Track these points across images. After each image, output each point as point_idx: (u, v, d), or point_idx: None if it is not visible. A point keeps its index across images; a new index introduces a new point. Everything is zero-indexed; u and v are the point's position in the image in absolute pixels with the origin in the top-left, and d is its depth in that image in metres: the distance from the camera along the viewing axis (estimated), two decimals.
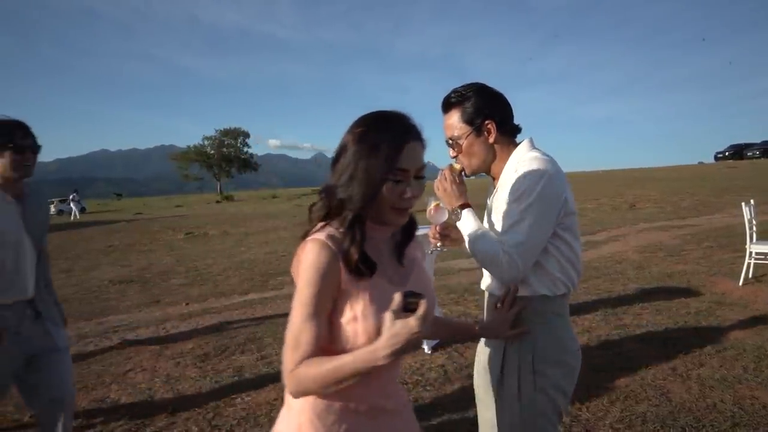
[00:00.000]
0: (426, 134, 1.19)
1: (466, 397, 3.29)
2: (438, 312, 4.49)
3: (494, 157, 1.63)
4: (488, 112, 1.59)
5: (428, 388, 3.45)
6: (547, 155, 1.55)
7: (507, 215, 1.49)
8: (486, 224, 1.66)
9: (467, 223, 1.58)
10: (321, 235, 1.10)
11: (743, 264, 5.78)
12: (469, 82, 1.65)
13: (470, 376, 3.54)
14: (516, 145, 1.63)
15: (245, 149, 69.48)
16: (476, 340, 1.77)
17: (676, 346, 3.95)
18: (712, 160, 39.44)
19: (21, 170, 2.05)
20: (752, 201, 5.93)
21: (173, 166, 70.08)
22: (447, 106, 1.64)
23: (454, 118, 1.62)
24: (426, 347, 4.08)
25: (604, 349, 3.99)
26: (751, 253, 5.71)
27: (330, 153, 2.09)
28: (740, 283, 5.66)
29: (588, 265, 7.42)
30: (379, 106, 1.72)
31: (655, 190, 20.00)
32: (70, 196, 32.28)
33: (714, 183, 21.03)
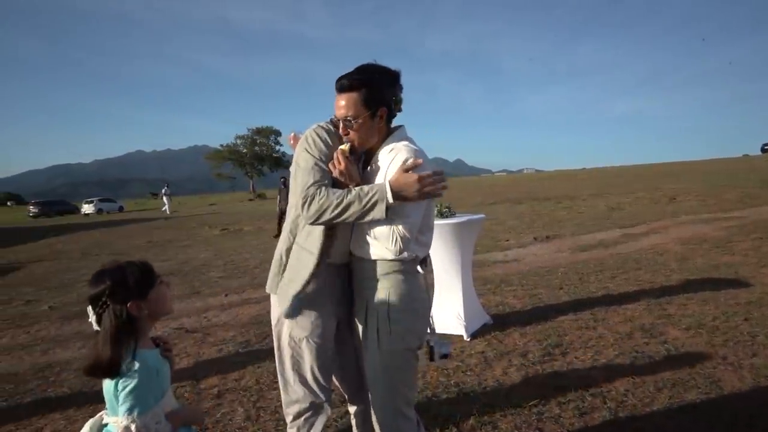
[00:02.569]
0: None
1: (507, 382, 3.27)
2: (477, 302, 4.46)
3: (376, 139, 1.87)
4: (382, 100, 1.81)
5: (469, 373, 3.44)
6: (415, 142, 1.87)
7: None
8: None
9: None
10: None
11: None
12: (362, 64, 1.83)
13: (510, 362, 3.53)
14: (392, 129, 1.90)
15: (277, 148, 70.40)
16: (515, 328, 1.83)
17: (726, 335, 3.82)
18: (758, 152, 37.87)
19: None
20: None
21: (206, 165, 71.61)
22: (348, 87, 1.78)
23: (353, 99, 1.78)
24: (465, 334, 4.06)
25: (648, 336, 3.89)
26: None
27: None
28: None
29: (627, 257, 7.25)
30: (407, 106, 1.92)
31: (696, 182, 19.34)
32: (162, 190, 32.90)
33: (762, 175, 20.19)
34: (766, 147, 37.33)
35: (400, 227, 1.72)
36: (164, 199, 31.71)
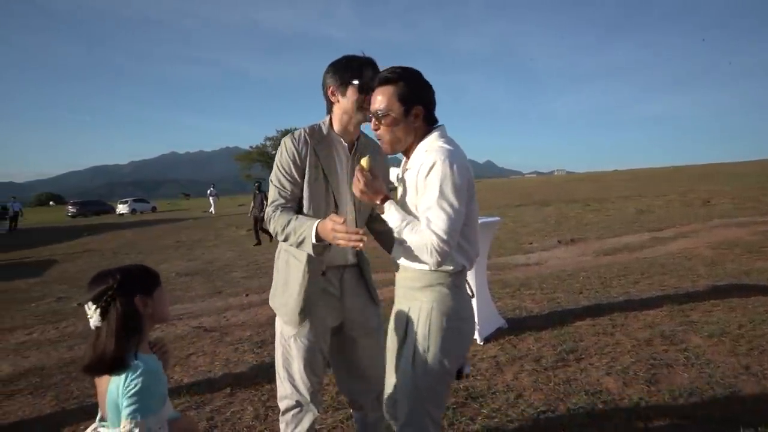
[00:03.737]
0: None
1: (518, 387, 3.22)
2: (492, 305, 4.41)
3: (413, 139, 1.74)
4: (419, 98, 1.70)
5: (479, 377, 3.40)
6: (454, 144, 1.69)
7: (427, 203, 1.59)
8: (401, 191, 1.81)
9: (391, 216, 1.70)
10: None
11: None
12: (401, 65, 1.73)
13: (522, 367, 3.48)
14: (431, 132, 1.74)
15: None
16: (530, 333, 1.77)
17: (751, 344, 3.68)
18: None
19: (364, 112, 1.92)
20: None
21: (237, 167, 72.88)
22: (383, 80, 1.70)
23: (388, 93, 1.68)
24: (478, 338, 4.02)
25: (667, 343, 3.77)
26: None
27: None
28: None
29: (653, 261, 7.06)
30: (436, 106, 1.77)
31: (732, 185, 18.67)
32: (209, 191, 33.55)
33: None
34: None
35: (434, 238, 1.55)
36: (210, 199, 32.24)
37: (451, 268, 1.68)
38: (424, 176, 1.61)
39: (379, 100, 1.70)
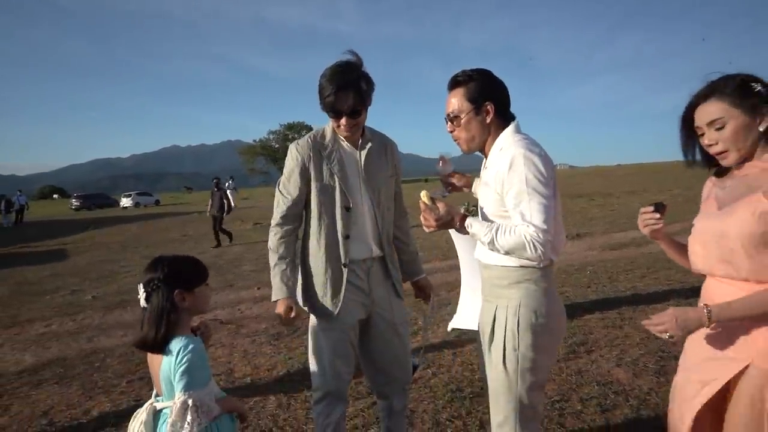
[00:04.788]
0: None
1: None
2: None
3: (488, 136, 1.75)
4: (489, 95, 1.71)
5: None
6: (531, 137, 1.69)
7: (515, 197, 1.58)
8: (480, 194, 1.82)
9: (477, 230, 1.64)
10: None
11: None
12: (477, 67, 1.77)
13: None
14: (505, 128, 1.74)
15: None
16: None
17: None
18: None
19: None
20: None
21: (240, 160, 72.95)
22: (453, 84, 1.75)
23: (458, 95, 1.72)
24: None
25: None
26: None
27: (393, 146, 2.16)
28: None
29: (659, 256, 7.13)
30: (441, 100, 1.93)
31: None
32: (227, 184, 33.18)
33: None
34: None
35: (532, 230, 1.52)
36: (228, 193, 31.95)
37: (538, 262, 1.63)
38: (506, 171, 1.59)
39: (452, 103, 1.74)
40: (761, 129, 1.35)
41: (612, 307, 4.75)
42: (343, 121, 1.97)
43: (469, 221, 1.68)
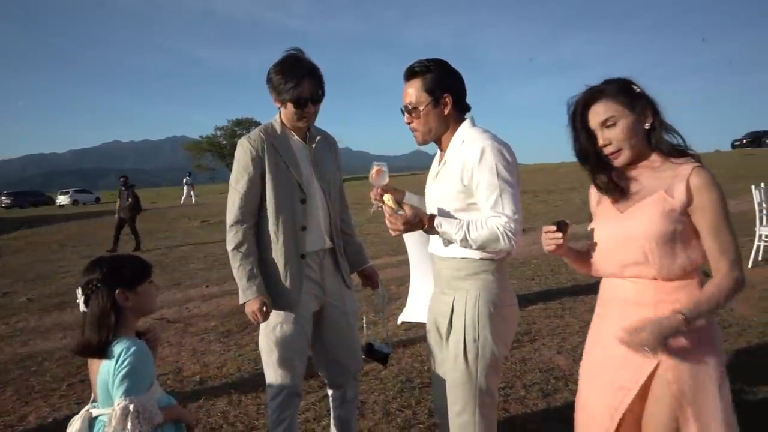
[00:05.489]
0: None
1: None
2: None
3: (446, 129, 1.76)
4: (447, 87, 1.72)
5: None
6: (488, 130, 1.73)
7: (486, 189, 1.62)
8: (434, 190, 1.82)
9: (448, 229, 1.66)
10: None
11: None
12: (433, 57, 1.75)
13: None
14: (463, 121, 1.77)
15: None
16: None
17: None
18: (729, 148, 38.77)
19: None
20: (762, 185, 5.96)
21: (185, 156, 70.63)
22: (410, 74, 1.74)
23: (416, 86, 1.72)
24: None
25: None
26: (760, 235, 5.77)
27: (341, 143, 2.20)
28: (749, 265, 5.73)
29: None
30: (391, 98, 1.89)
31: None
32: (184, 180, 31.51)
33: (729, 171, 20.77)
34: (736, 143, 38.28)
35: (504, 220, 1.58)
36: (185, 189, 30.61)
37: (495, 254, 1.67)
38: (476, 163, 1.62)
39: (409, 93, 1.73)
40: (646, 127, 1.44)
41: (554, 298, 4.98)
42: (309, 109, 2.01)
43: (438, 221, 1.69)
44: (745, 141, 37.30)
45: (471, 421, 1.72)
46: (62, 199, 40.61)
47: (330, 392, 2.38)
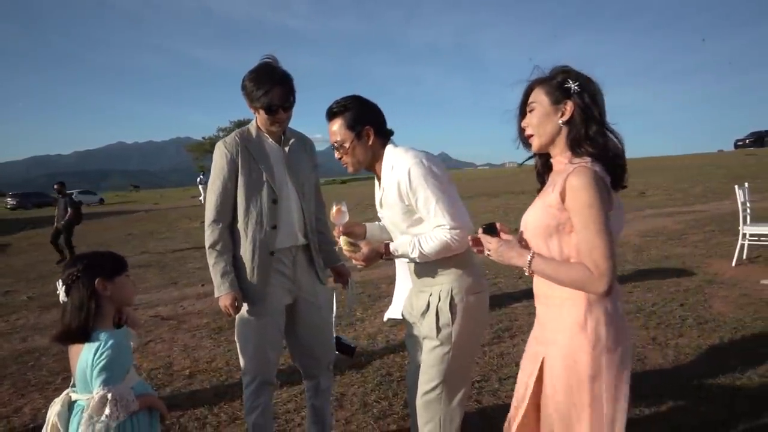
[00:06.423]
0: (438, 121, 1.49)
1: None
2: None
3: (373, 157, 1.94)
4: (366, 120, 1.89)
5: None
6: (408, 147, 1.90)
7: (424, 205, 1.80)
8: (384, 215, 1.99)
9: (403, 251, 1.86)
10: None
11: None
12: (348, 94, 1.94)
13: None
14: (384, 145, 1.95)
15: None
16: None
17: (660, 319, 4.18)
18: (732, 147, 38.70)
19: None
20: (747, 184, 6.06)
21: (188, 157, 70.95)
22: (331, 115, 1.92)
23: (338, 124, 1.90)
24: None
25: None
26: (744, 234, 5.86)
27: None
28: (733, 264, 5.82)
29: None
30: (392, 98, 2.07)
31: (667, 177, 19.95)
32: (198, 179, 31.55)
33: (729, 170, 20.84)
34: (738, 143, 38.23)
35: (447, 229, 1.76)
36: (200, 188, 30.66)
37: (463, 250, 1.84)
38: (407, 188, 1.79)
39: (334, 131, 1.91)
40: (561, 120, 1.44)
41: None
42: (280, 115, 2.15)
43: (393, 247, 1.88)
44: (747, 141, 37.22)
45: (437, 399, 1.90)
46: None
47: (305, 382, 2.50)
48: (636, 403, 2.81)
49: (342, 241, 1.95)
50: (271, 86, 2.09)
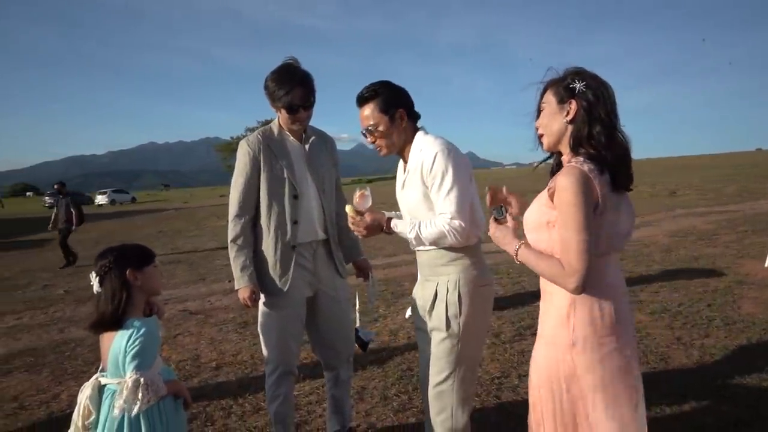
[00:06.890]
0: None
1: None
2: None
3: (405, 140, 1.97)
4: (398, 102, 1.92)
5: None
6: (441, 137, 1.92)
7: (437, 191, 1.82)
8: (404, 197, 2.01)
9: (402, 229, 1.89)
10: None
11: None
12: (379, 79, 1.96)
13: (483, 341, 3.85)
14: (418, 129, 1.98)
15: None
16: (494, 312, 2.05)
17: (686, 319, 4.11)
18: None
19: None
20: None
21: (217, 157, 72.25)
22: (362, 100, 1.94)
23: (370, 109, 1.92)
24: None
25: None
26: None
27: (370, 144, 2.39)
28: (766, 264, 5.67)
29: None
30: (419, 97, 2.04)
31: (700, 176, 19.41)
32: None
33: (765, 169, 20.17)
34: None
35: (448, 219, 1.79)
36: None
37: (473, 242, 1.89)
38: (429, 170, 1.82)
39: (366, 116, 1.93)
40: (565, 120, 1.45)
41: None
42: (301, 114, 2.22)
43: (394, 222, 1.91)
44: None
45: (449, 389, 1.91)
46: (100, 199, 42.24)
47: (325, 374, 2.57)
48: (658, 402, 2.79)
49: (348, 209, 1.99)
50: (292, 86, 2.16)
